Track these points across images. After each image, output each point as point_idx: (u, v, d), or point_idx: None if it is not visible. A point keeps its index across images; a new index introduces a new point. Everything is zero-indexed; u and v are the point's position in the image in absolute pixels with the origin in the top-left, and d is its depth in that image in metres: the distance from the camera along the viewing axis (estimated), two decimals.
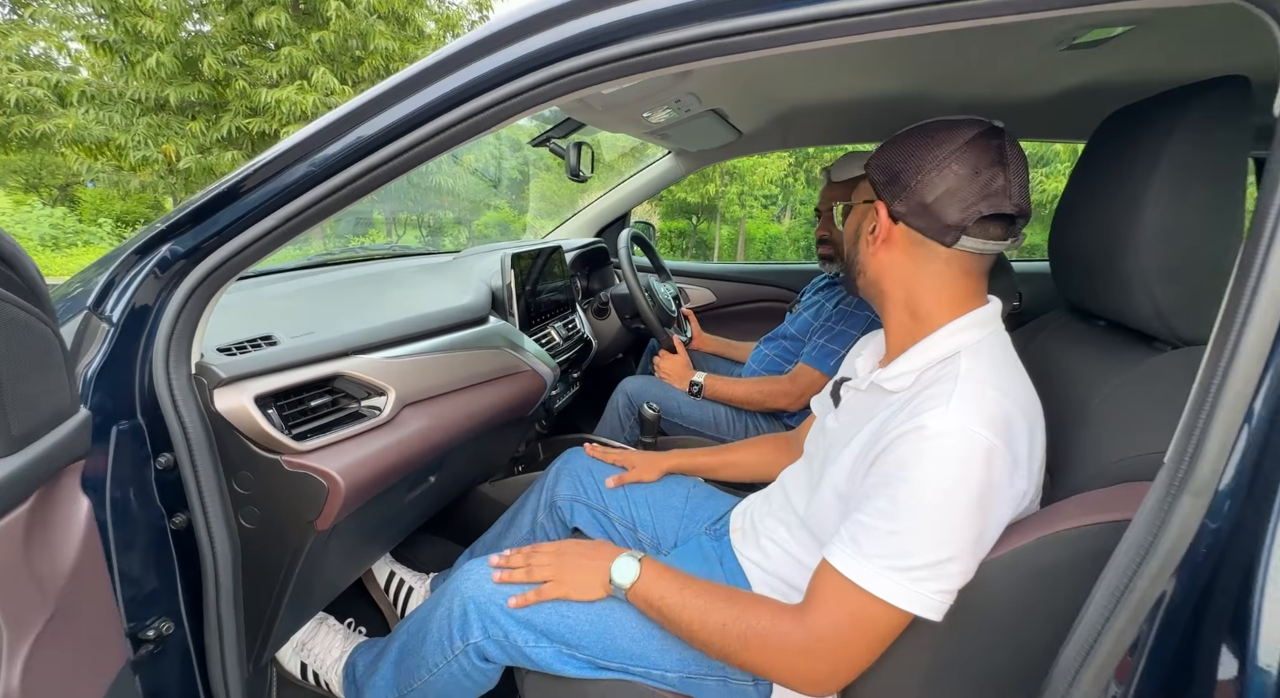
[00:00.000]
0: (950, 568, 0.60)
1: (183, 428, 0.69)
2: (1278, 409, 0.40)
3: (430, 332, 1.01)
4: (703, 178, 10.94)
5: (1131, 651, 0.46)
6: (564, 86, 0.61)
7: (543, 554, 0.86)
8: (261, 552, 0.78)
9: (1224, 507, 0.41)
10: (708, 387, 1.51)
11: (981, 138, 0.68)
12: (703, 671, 0.79)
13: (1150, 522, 0.45)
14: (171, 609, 0.73)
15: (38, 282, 0.46)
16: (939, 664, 0.64)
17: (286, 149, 0.66)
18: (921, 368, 0.71)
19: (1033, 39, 0.99)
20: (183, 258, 0.66)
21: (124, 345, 0.66)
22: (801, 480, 0.89)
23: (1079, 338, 0.81)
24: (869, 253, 0.78)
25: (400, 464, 0.86)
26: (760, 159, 11.13)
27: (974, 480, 0.60)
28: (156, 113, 7.34)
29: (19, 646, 0.41)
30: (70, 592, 0.47)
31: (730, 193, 11.53)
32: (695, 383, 1.53)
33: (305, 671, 1.11)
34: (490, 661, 0.83)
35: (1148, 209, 0.62)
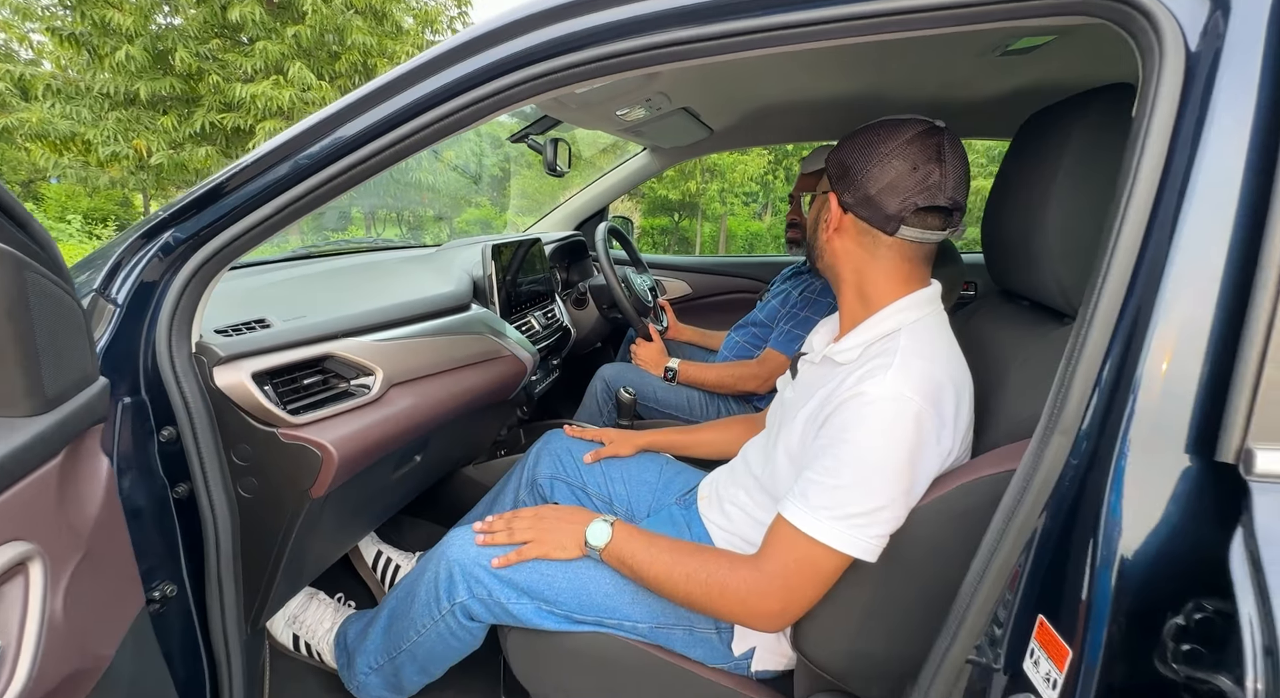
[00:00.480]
0: (883, 515, 0.69)
1: (185, 402, 0.74)
2: (1120, 367, 0.49)
3: (416, 317, 1.07)
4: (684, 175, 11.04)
5: (1016, 572, 0.55)
6: (538, 87, 0.68)
7: (523, 518, 0.93)
8: (259, 520, 0.84)
9: (1079, 452, 0.50)
10: (681, 372, 1.59)
11: (921, 136, 0.76)
12: (671, 621, 0.87)
13: (1031, 459, 0.53)
14: (174, 574, 0.78)
15: (62, 262, 0.52)
16: (873, 599, 0.72)
17: (280, 144, 0.72)
18: (867, 343, 0.80)
19: (971, 46, 1.08)
20: (184, 243, 0.72)
21: (129, 325, 0.72)
22: (760, 448, 0.97)
23: (1006, 317, 0.90)
24: (824, 239, 0.86)
25: (388, 439, 0.92)
26: (741, 156, 11.26)
27: (905, 439, 0.68)
28: (126, 107, 7.18)
29: (60, 577, 0.47)
30: (96, 539, 0.53)
31: (711, 190, 11.65)
32: (670, 369, 1.61)
33: (297, 642, 1.17)
34: (475, 619, 0.90)
35: (1052, 199, 0.71)
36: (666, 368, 1.61)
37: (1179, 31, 0.49)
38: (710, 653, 0.88)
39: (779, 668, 0.88)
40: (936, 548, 0.69)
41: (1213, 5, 0.48)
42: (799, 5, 0.58)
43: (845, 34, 0.59)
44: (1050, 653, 0.50)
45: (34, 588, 0.44)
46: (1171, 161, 0.48)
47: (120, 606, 0.56)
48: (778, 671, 0.89)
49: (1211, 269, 0.46)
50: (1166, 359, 0.46)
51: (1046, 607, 0.51)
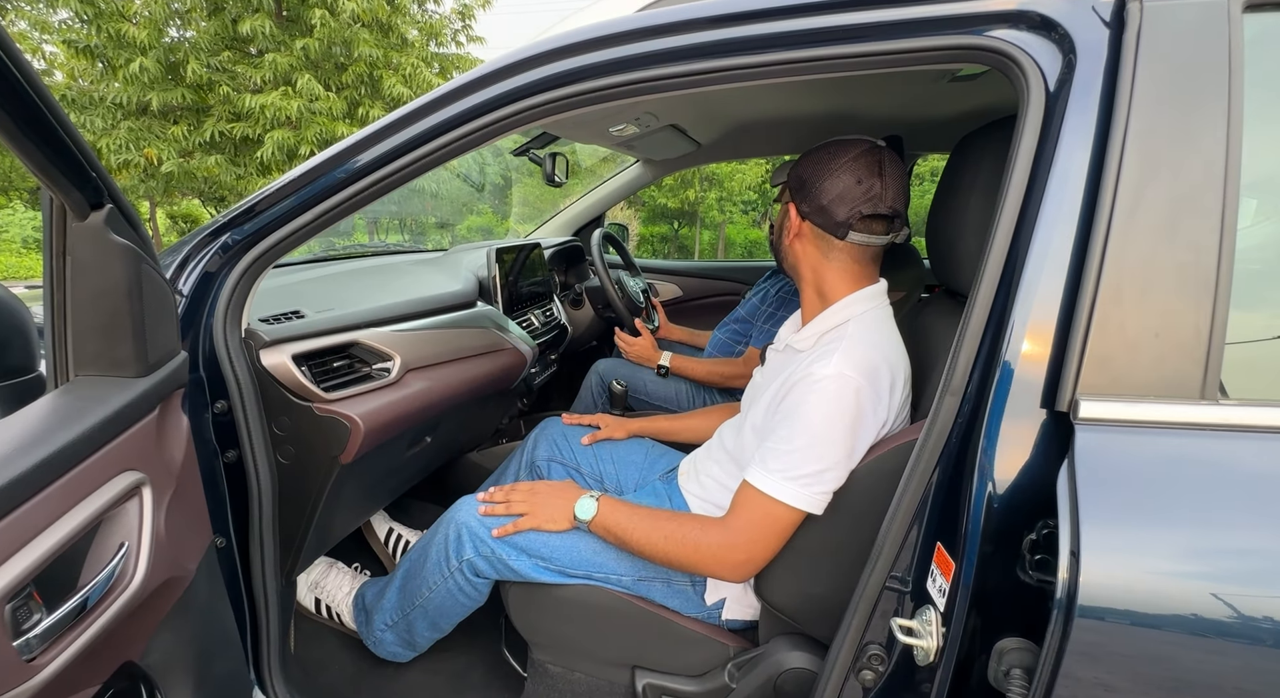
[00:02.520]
0: (828, 476, 0.81)
1: (236, 379, 0.88)
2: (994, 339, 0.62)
3: (428, 311, 1.21)
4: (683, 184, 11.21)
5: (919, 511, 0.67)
6: (540, 113, 0.81)
7: (519, 492, 1.06)
8: (295, 483, 0.97)
9: (963, 409, 0.63)
10: (673, 365, 1.71)
11: (865, 154, 0.90)
12: (650, 574, 1.00)
13: (930, 418, 0.66)
14: (223, 528, 0.91)
15: (157, 256, 0.65)
16: (820, 547, 0.85)
17: (320, 162, 0.85)
18: (822, 332, 0.93)
19: (922, 74, 1.22)
20: (239, 243, 0.85)
21: (191, 312, 0.85)
22: (733, 428, 1.10)
23: (948, 311, 1.03)
24: (786, 243, 0.99)
25: (406, 415, 1.05)
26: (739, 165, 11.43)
27: (845, 411, 0.81)
28: (138, 117, 7.36)
29: (161, 501, 0.60)
30: (181, 478, 0.66)
31: (710, 198, 11.81)
32: (662, 366, 1.72)
33: (319, 605, 1.29)
34: (480, 575, 1.03)
35: (971, 209, 0.84)
36: (659, 365, 1.72)
37: (1040, 76, 0.63)
38: (686, 603, 1.00)
39: (746, 618, 1.01)
40: (870, 502, 0.81)
41: (1064, 55, 0.62)
42: (763, 48, 0.71)
43: (800, 73, 0.73)
44: (943, 570, 0.62)
45: (146, 506, 0.57)
46: (1035, 177, 0.62)
47: (198, 534, 0.69)
48: (745, 620, 1.01)
49: (1059, 259, 0.59)
50: (1026, 332, 0.59)
51: (943, 535, 0.64)
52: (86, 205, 0.53)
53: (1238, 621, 0.49)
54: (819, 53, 0.71)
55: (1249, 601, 0.49)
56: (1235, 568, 0.51)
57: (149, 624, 0.62)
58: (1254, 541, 0.51)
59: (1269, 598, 0.49)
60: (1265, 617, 0.49)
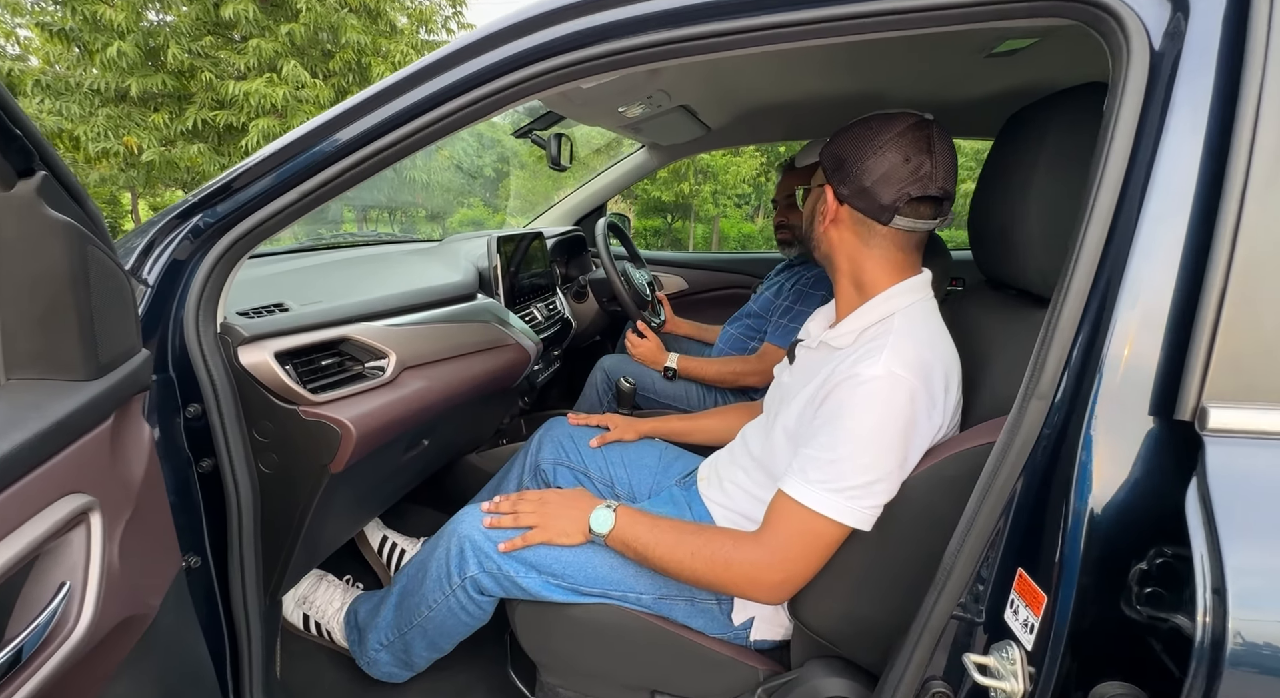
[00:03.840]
0: (879, 488, 0.73)
1: (211, 380, 0.78)
2: (1091, 339, 0.53)
3: (425, 304, 1.11)
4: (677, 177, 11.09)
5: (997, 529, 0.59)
6: (550, 81, 0.72)
7: (528, 502, 0.97)
8: (279, 495, 0.87)
9: (1054, 418, 0.55)
10: (681, 368, 1.61)
11: (912, 129, 0.81)
12: (673, 592, 0.91)
13: (1010, 425, 0.58)
14: (197, 545, 0.82)
15: (112, 240, 0.55)
16: (866, 565, 0.77)
17: (304, 134, 0.75)
18: (863, 327, 0.84)
19: (958, 49, 1.13)
20: (213, 227, 0.75)
21: (158, 305, 0.75)
22: (759, 430, 1.02)
23: (992, 304, 0.95)
24: (820, 230, 0.90)
25: (402, 419, 0.96)
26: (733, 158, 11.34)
27: (898, 415, 0.73)
28: (117, 104, 7.12)
29: (115, 528, 0.50)
30: (142, 498, 0.56)
31: (704, 191, 11.71)
32: (669, 368, 1.62)
33: (308, 622, 1.20)
34: (485, 593, 0.94)
35: (1031, 192, 0.76)
36: (666, 368, 1.62)
37: (1144, 33, 0.54)
38: (711, 623, 0.92)
39: (776, 638, 0.93)
40: (925, 516, 0.73)
41: (1174, 8, 0.53)
42: (795, 6, 0.62)
43: (838, 33, 0.64)
44: (1028, 601, 0.54)
45: (94, 536, 0.48)
46: (1136, 153, 0.53)
47: (163, 562, 0.59)
48: (775, 640, 0.93)
49: (1171, 248, 0.50)
50: (1131, 331, 0.51)
51: (1025, 560, 0.56)
52: (11, 171, 0.43)
53: None
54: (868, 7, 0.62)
55: None
56: None
57: (103, 672, 0.52)
58: None
59: None
60: None
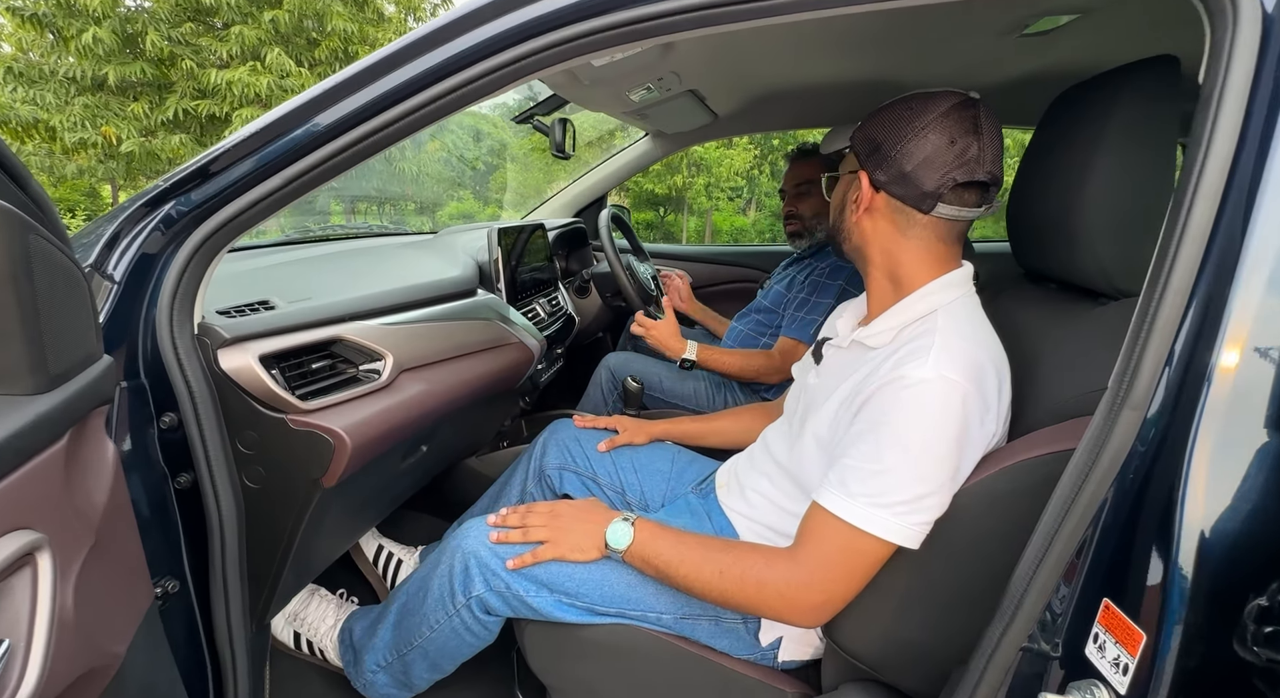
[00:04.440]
0: (929, 502, 0.67)
1: (187, 386, 0.70)
2: (1194, 342, 0.47)
3: (423, 301, 1.03)
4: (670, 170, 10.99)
5: (1077, 555, 0.53)
6: (560, 53, 0.64)
7: (537, 515, 0.89)
8: (266, 511, 0.79)
9: (1151, 431, 0.48)
10: (701, 357, 1.48)
11: (957, 108, 0.74)
12: (696, 611, 0.85)
13: (1095, 438, 0.52)
14: (175, 568, 0.74)
15: (63, 225, 0.47)
16: (912, 585, 0.71)
17: (291, 110, 0.67)
18: (900, 325, 0.78)
19: (988, 27, 1.07)
20: (187, 216, 0.67)
21: (126, 303, 0.67)
22: (782, 435, 0.95)
23: (1033, 300, 0.89)
24: (853, 221, 0.83)
25: (401, 426, 0.88)
26: (726, 151, 11.25)
27: (951, 422, 0.66)
28: (94, 93, 6.92)
29: (69, 569, 0.43)
30: (105, 528, 0.48)
31: (697, 184, 11.61)
32: (687, 359, 1.49)
33: (299, 640, 1.12)
34: (492, 613, 0.87)
35: (1093, 176, 0.70)
36: (684, 359, 1.49)
37: None
38: (736, 644, 0.86)
39: (805, 658, 0.87)
40: (980, 533, 0.67)
41: None
42: None
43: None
44: (1119, 637, 0.48)
45: (43, 580, 0.40)
46: (1248, 128, 0.47)
47: (131, 600, 0.52)
48: (804, 660, 0.87)
49: None
50: (1245, 333, 0.45)
51: (1113, 590, 0.50)
52: None
53: None
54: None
55: None
56: None
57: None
58: None
59: None
60: None
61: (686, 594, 0.81)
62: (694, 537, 0.82)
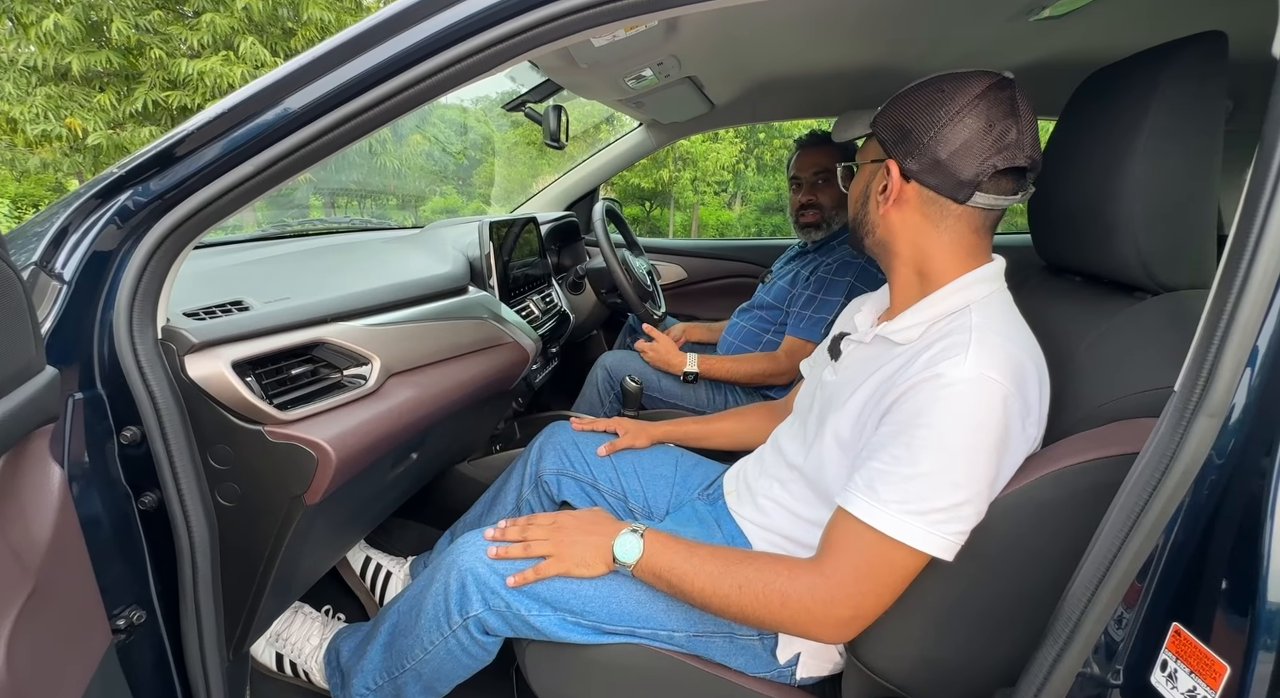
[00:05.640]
0: (966, 510, 0.62)
1: (151, 398, 0.63)
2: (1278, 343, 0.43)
3: (411, 300, 0.96)
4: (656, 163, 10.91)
5: (1141, 574, 0.49)
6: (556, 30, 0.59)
7: (539, 528, 0.84)
8: (242, 532, 0.72)
9: (1231, 440, 0.44)
10: (704, 371, 1.47)
11: (993, 90, 0.69)
12: (710, 628, 0.80)
13: (1163, 447, 0.47)
14: (142, 596, 0.67)
15: None
16: (945, 600, 0.66)
17: (265, 87, 0.61)
18: (930, 321, 0.73)
19: (999, 11, 1.02)
20: (146, 207, 0.60)
21: (79, 306, 0.59)
22: (795, 436, 0.90)
23: (1058, 294, 0.85)
24: (878, 213, 0.78)
25: (391, 435, 0.82)
26: (712, 145, 11.19)
27: (992, 425, 0.62)
28: (57, 83, 6.63)
29: (2, 620, 0.36)
30: (49, 567, 0.42)
31: (683, 179, 11.55)
32: (689, 373, 1.48)
33: (281, 662, 1.05)
34: (490, 633, 0.81)
35: (1133, 161, 0.65)
36: (686, 372, 1.48)
37: None
38: (752, 661, 0.81)
39: (824, 673, 0.82)
40: (1019, 544, 0.63)
41: None
42: None
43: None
44: (1195, 667, 0.44)
45: None
46: None
47: (82, 647, 0.45)
48: (822, 676, 0.82)
49: None
50: None
51: (1184, 613, 0.45)
52: None
53: None
54: None
55: None
56: None
57: None
58: None
59: None
60: None
61: (701, 610, 0.76)
62: (708, 548, 0.77)
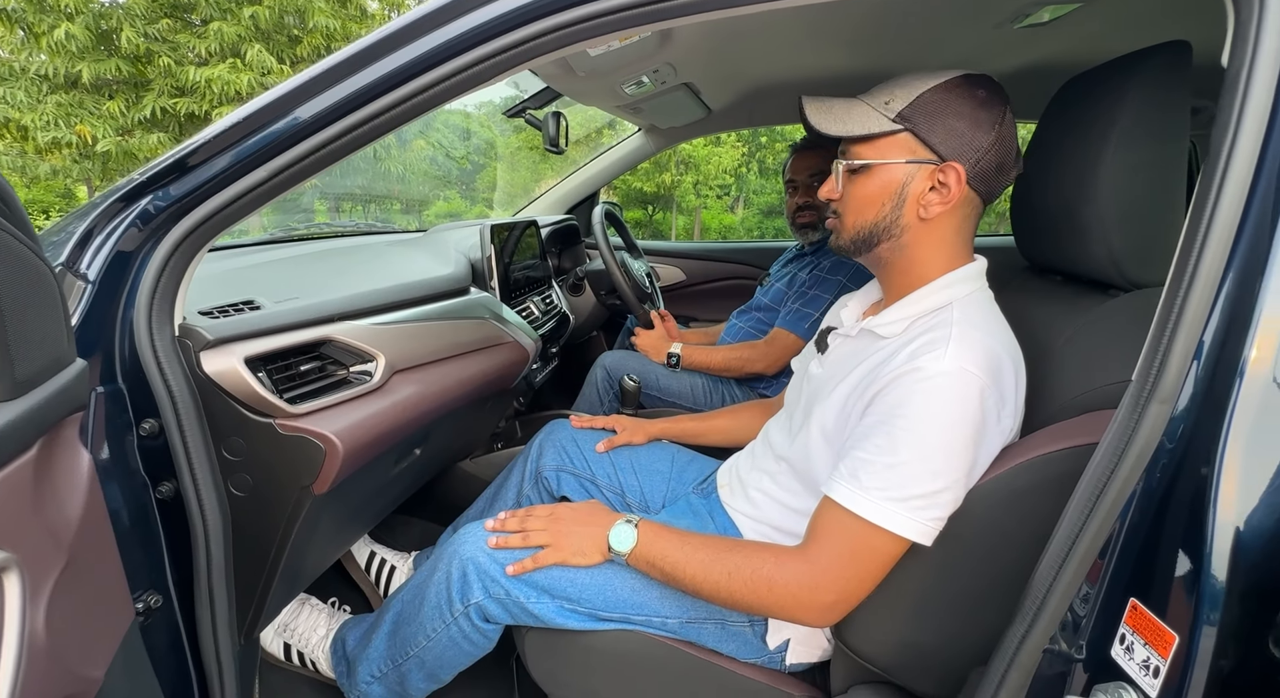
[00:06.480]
0: (944, 497, 0.65)
1: (169, 392, 0.66)
2: (1226, 331, 0.46)
3: (415, 300, 1.00)
4: (658, 167, 10.97)
5: (1102, 553, 0.52)
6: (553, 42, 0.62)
7: (537, 518, 0.87)
8: (254, 521, 0.76)
9: (1180, 425, 0.47)
10: (685, 357, 1.54)
11: (998, 93, 0.74)
12: (702, 615, 0.83)
13: (1120, 432, 0.50)
14: (159, 582, 0.70)
15: (27, 218, 0.44)
16: (925, 585, 0.69)
17: (277, 98, 0.64)
18: (914, 316, 0.75)
19: (986, 18, 1.05)
20: (165, 211, 0.63)
21: (102, 304, 0.63)
22: (784, 429, 0.93)
23: (1039, 293, 0.88)
24: (914, 216, 0.74)
25: (395, 429, 0.85)
26: (714, 149, 11.25)
27: (969, 416, 0.65)
28: (67, 91, 6.74)
29: (41, 590, 0.39)
30: (79, 545, 0.45)
31: (686, 182, 11.61)
32: (673, 354, 1.55)
33: (289, 652, 1.09)
34: (491, 621, 0.84)
35: (1104, 164, 0.68)
36: (670, 354, 1.55)
37: None
38: (743, 647, 0.84)
39: (813, 660, 0.85)
40: (995, 530, 0.65)
41: None
42: None
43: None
44: (1148, 639, 0.47)
45: (10, 603, 0.37)
46: (1277, 110, 0.45)
47: (109, 620, 0.48)
48: (811, 663, 0.85)
49: None
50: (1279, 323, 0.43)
51: (1141, 590, 0.48)
52: None
53: None
54: None
55: None
56: None
57: None
58: None
59: None
60: None
61: (693, 597, 0.79)
62: (700, 537, 0.80)
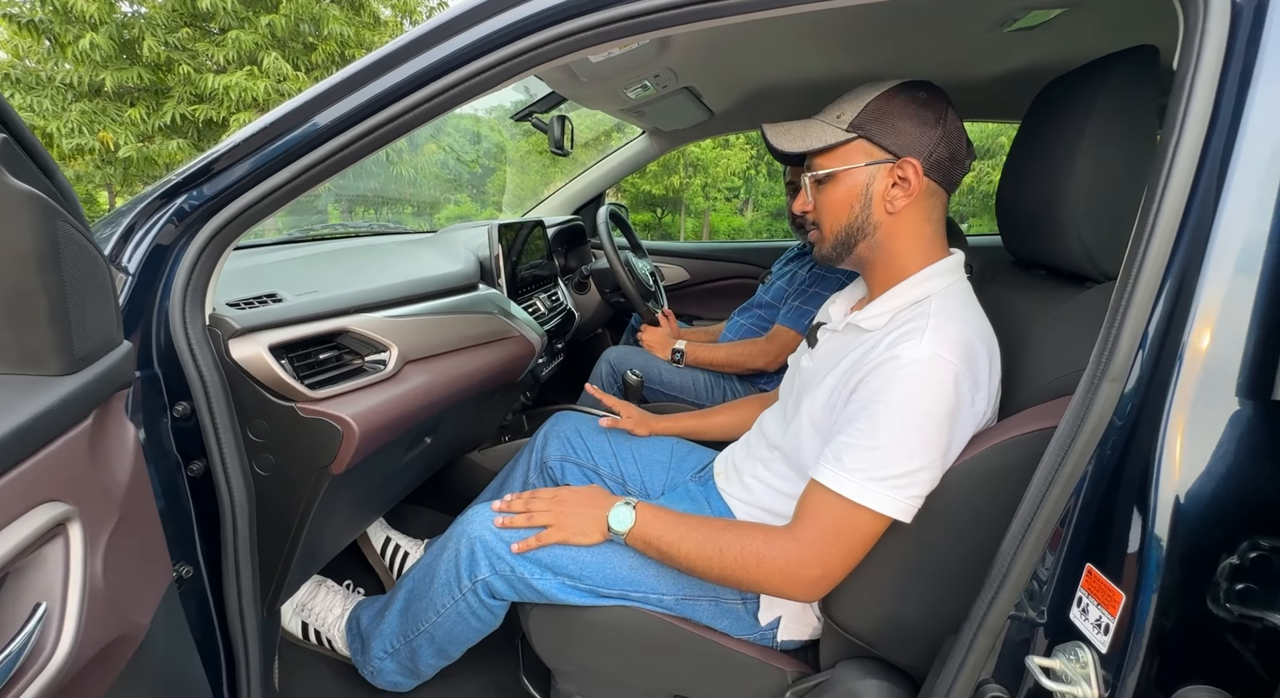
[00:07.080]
0: (921, 476, 0.69)
1: (200, 376, 0.72)
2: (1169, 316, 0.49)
3: (426, 295, 1.05)
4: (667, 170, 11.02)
5: (1062, 522, 0.55)
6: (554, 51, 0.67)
7: (541, 500, 0.92)
8: (276, 498, 0.81)
9: (1129, 403, 0.51)
10: (689, 353, 1.58)
11: (937, 93, 0.80)
12: (696, 592, 0.87)
13: (1076, 410, 0.54)
14: (189, 554, 0.76)
15: (84, 214, 0.50)
16: (906, 561, 0.73)
17: (298, 106, 0.69)
18: (896, 309, 0.80)
19: (975, 23, 1.09)
20: (199, 209, 0.69)
21: (140, 295, 0.69)
22: (777, 419, 0.97)
23: (1023, 286, 0.92)
24: (883, 213, 0.79)
25: (407, 415, 0.90)
26: (723, 152, 11.28)
27: (943, 400, 0.69)
28: (91, 98, 6.93)
29: (98, 541, 0.45)
30: (128, 505, 0.50)
31: (694, 185, 11.65)
32: (677, 350, 1.60)
33: (306, 630, 1.14)
34: (497, 597, 0.89)
35: (1077, 164, 0.72)
36: (674, 350, 1.59)
37: None
38: (736, 624, 0.88)
39: (804, 637, 0.89)
40: (970, 508, 0.69)
41: None
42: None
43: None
44: (1101, 599, 0.50)
45: (74, 550, 0.42)
46: (1218, 114, 0.49)
47: (153, 575, 0.54)
48: (803, 640, 0.89)
49: (1261, 217, 0.46)
50: (1218, 304, 0.47)
51: (1095, 556, 0.52)
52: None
53: None
54: None
55: None
56: None
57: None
58: None
59: None
60: None
61: (688, 574, 0.83)
62: (694, 518, 0.85)
